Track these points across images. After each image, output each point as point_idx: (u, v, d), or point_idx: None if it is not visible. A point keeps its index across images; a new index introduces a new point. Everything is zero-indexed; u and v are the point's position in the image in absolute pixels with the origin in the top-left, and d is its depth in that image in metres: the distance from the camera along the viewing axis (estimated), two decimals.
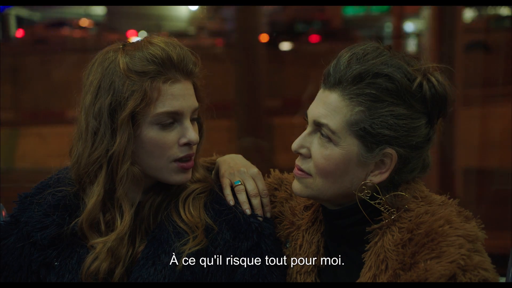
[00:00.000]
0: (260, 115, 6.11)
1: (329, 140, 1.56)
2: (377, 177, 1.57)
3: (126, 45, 1.67)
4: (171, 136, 1.63)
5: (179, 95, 1.63)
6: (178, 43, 1.67)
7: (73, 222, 1.67)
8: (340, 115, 1.55)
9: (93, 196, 1.65)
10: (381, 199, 1.58)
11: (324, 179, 1.59)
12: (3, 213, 2.18)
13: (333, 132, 1.55)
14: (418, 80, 1.53)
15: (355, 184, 1.58)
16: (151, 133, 1.62)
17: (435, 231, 1.49)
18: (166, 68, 1.62)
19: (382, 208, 1.57)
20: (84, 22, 8.50)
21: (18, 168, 6.45)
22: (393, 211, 1.57)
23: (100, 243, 1.64)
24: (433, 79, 1.55)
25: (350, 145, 1.55)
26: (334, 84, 1.57)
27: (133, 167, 1.63)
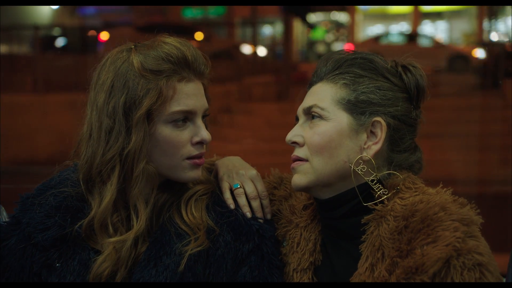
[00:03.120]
0: None
1: (320, 118, 1.64)
2: (371, 149, 1.63)
3: (137, 45, 1.70)
4: (184, 134, 1.66)
5: (193, 94, 1.66)
6: (191, 44, 1.71)
7: (78, 224, 1.67)
8: (327, 95, 1.66)
9: (107, 196, 1.65)
10: (375, 175, 1.63)
11: (320, 157, 1.63)
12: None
13: (322, 109, 1.64)
14: (391, 63, 1.69)
15: (351, 158, 1.63)
16: (165, 131, 1.64)
17: (430, 218, 1.51)
18: (181, 67, 1.65)
19: (375, 187, 1.62)
20: None
21: None
22: (385, 191, 1.62)
23: (111, 244, 1.64)
24: (405, 64, 1.69)
25: (340, 118, 1.63)
26: (317, 79, 1.71)
27: (148, 165, 1.64)
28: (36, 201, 1.73)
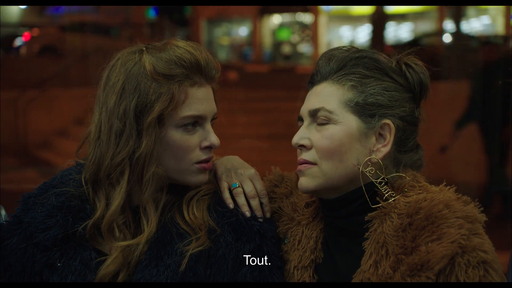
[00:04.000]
0: None
1: (328, 121, 1.62)
2: (381, 152, 1.62)
3: (149, 46, 1.68)
4: (193, 139, 1.66)
5: (204, 99, 1.66)
6: (203, 48, 1.70)
7: (83, 225, 1.67)
8: (334, 97, 1.63)
9: (116, 199, 1.64)
10: (383, 178, 1.63)
11: (329, 161, 1.62)
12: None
13: (330, 112, 1.62)
14: (395, 62, 1.67)
15: (360, 161, 1.62)
16: (176, 135, 1.64)
17: (435, 215, 1.51)
18: (193, 72, 1.65)
19: (382, 189, 1.61)
20: None
21: None
22: (392, 193, 1.61)
23: (119, 248, 1.64)
24: (408, 61, 1.68)
25: (349, 121, 1.61)
26: (321, 79, 1.68)
27: (158, 169, 1.63)
28: (38, 201, 1.72)
